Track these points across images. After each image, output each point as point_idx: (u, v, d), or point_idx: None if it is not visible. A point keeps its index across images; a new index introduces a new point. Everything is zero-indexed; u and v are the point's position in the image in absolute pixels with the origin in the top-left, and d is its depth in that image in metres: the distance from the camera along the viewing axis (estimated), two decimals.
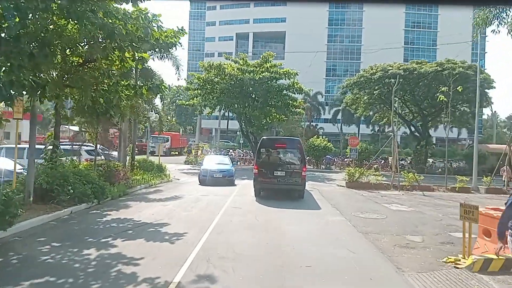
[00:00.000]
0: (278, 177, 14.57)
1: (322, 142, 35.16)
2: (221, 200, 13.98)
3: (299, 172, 14.63)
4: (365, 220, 11.16)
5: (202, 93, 33.90)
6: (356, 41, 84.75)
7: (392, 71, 32.33)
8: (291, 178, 14.58)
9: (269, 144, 15.65)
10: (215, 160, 22.21)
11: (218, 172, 19.85)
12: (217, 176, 19.57)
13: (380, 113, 43.59)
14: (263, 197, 15.18)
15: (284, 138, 19.76)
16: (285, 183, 14.63)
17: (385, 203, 15.09)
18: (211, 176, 19.41)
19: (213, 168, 20.17)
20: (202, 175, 19.77)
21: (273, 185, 14.79)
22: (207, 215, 10.97)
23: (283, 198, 15.03)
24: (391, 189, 20.54)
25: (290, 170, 14.63)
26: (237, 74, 31.81)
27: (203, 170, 20.05)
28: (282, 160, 15.08)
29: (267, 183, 14.74)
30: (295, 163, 14.93)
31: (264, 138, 16.11)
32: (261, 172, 14.66)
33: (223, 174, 19.86)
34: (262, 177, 14.66)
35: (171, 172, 26.05)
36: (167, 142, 50.14)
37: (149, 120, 19.45)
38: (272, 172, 14.56)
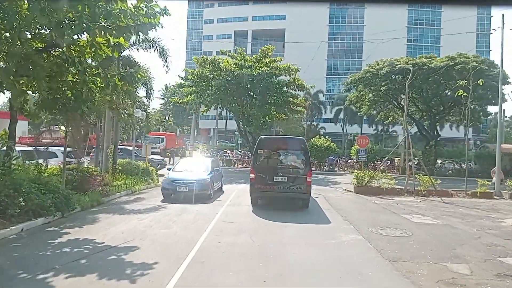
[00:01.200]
0: (279, 184, 12.42)
1: (325, 142, 32.94)
2: (211, 212, 11.77)
3: (304, 178, 12.45)
4: (387, 239, 8.95)
5: (196, 90, 31.73)
6: (358, 38, 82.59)
7: (400, 65, 30.14)
8: (294, 185, 12.44)
9: (268, 144, 13.31)
10: (189, 164, 16.14)
11: (183, 184, 13.95)
12: (181, 189, 13.85)
13: (385, 111, 41.43)
14: (261, 206, 12.99)
15: (285, 138, 16.82)
16: (287, 191, 12.47)
17: (404, 213, 12.88)
18: (174, 189, 14.04)
19: (177, 177, 14.42)
20: (165, 188, 14.33)
21: (273, 193, 12.61)
22: (190, 235, 8.75)
23: (284, 207, 12.86)
24: (405, 195, 18.35)
25: (293, 175, 12.54)
26: (233, 70, 29.61)
27: (167, 180, 14.57)
28: (284, 163, 12.85)
29: (266, 190, 12.59)
30: (298, 167, 12.78)
31: (262, 138, 13.77)
32: (259, 177, 12.52)
33: (189, 186, 13.81)
34: (260, 184, 12.52)
35: (164, 175, 24.06)
36: (162, 143, 47.96)
37: (131, 117, 17.16)
38: (272, 177, 12.41)
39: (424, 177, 18.88)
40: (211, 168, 15.46)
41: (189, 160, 18.80)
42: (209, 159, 17.64)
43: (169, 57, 17.48)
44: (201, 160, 17.77)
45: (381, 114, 41.26)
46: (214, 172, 15.69)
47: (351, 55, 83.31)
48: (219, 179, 16.75)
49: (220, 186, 17.06)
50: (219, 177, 16.91)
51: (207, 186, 14.22)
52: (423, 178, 18.86)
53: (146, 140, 48.23)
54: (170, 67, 17.51)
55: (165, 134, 51.77)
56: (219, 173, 17.23)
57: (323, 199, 15.81)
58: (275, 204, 13.06)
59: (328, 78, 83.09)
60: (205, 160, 17.80)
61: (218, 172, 16.96)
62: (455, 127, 55.37)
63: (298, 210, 12.65)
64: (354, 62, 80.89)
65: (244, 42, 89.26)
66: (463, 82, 18.96)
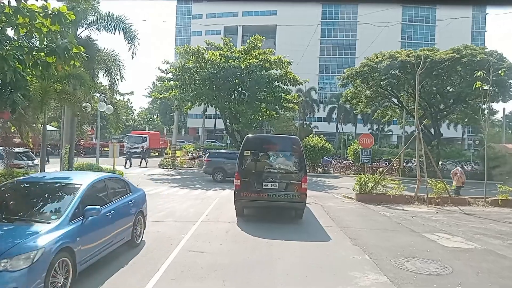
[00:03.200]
0: (269, 191, 10.36)
1: (319, 142, 30.24)
2: (178, 233, 8.93)
3: (298, 184, 10.40)
4: (423, 281, 6.21)
5: (179, 84, 28.81)
6: (351, 35, 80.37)
7: (401, 58, 27.55)
8: (286, 193, 10.39)
9: (256, 145, 11.12)
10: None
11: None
12: None
13: (382, 109, 38.89)
14: (245, 223, 10.19)
15: (276, 137, 14.06)
16: (279, 199, 10.39)
17: (426, 231, 10.17)
18: None
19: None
20: None
21: (262, 202, 10.53)
22: (134, 279, 5.90)
23: (274, 222, 10.07)
24: (416, 203, 15.71)
25: (285, 181, 10.48)
26: (219, 62, 26.74)
27: None
28: (274, 167, 10.79)
29: (254, 199, 10.46)
30: (292, 171, 10.73)
31: (249, 137, 11.48)
32: (245, 184, 10.43)
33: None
34: (246, 191, 10.40)
35: (137, 179, 21.08)
36: (145, 142, 44.90)
37: (84, 109, 14.19)
38: (261, 183, 10.41)
39: (436, 182, 16.26)
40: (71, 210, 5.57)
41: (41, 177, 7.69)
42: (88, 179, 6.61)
43: (137, 39, 14.57)
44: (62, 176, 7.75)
45: (378, 112, 38.70)
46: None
47: (344, 52, 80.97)
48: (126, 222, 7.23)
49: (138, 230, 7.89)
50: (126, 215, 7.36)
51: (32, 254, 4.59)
52: (436, 184, 16.25)
53: (127, 140, 45.22)
54: (128, 43, 14.42)
55: (149, 133, 48.76)
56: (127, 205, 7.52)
57: (321, 209, 13.07)
58: (262, 218, 10.27)
59: (320, 76, 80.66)
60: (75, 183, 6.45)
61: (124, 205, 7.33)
62: (453, 126, 53.25)
63: (291, 229, 9.86)
64: (347, 60, 78.42)
65: (234, 39, 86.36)
66: (481, 72, 16.30)
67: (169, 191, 17.28)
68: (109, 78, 14.76)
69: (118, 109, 18.21)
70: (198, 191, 17.39)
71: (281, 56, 28.67)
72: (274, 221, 10.65)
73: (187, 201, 14.13)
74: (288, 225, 10.29)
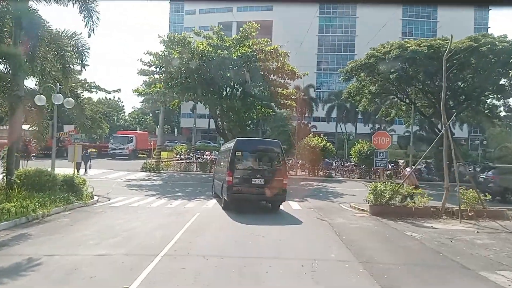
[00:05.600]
0: (257, 186, 12.16)
1: (320, 142, 27.27)
2: (119, 279, 5.84)
3: (281, 180, 12.44)
4: None
5: (164, 78, 25.74)
6: (350, 31, 77.48)
7: (412, 48, 24.59)
8: (272, 187, 12.21)
9: (246, 146, 12.94)
10: None
11: None
12: None
13: (386, 107, 35.90)
14: (228, 255, 7.15)
15: (263, 140, 16.10)
16: (266, 193, 12.23)
17: (482, 267, 7.16)
18: None
19: None
20: None
21: (251, 196, 12.31)
22: None
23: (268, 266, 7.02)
24: (444, 217, 12.78)
25: (270, 177, 12.35)
26: (207, 51, 23.66)
27: None
28: (261, 166, 12.72)
29: (244, 193, 12.13)
30: (275, 169, 12.71)
31: (239, 140, 13.39)
32: (237, 180, 12.11)
33: None
34: (237, 187, 12.06)
35: (110, 186, 18.12)
36: (131, 143, 41.82)
37: (21, 101, 11.09)
38: (250, 180, 12.18)
39: (468, 192, 13.27)
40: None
41: None
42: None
43: (97, 13, 11.49)
44: None
45: (382, 110, 35.69)
46: None
47: (342, 49, 78.09)
48: None
49: None
50: None
51: None
52: (467, 193, 13.26)
53: (112, 140, 41.83)
54: (83, 18, 11.36)
55: (136, 133, 45.66)
56: None
57: (330, 230, 10.05)
58: (251, 258, 7.23)
59: (318, 74, 77.67)
60: None
61: None
62: (459, 125, 50.34)
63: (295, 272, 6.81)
64: (346, 57, 75.26)
65: (229, 35, 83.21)
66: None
67: (141, 202, 14.20)
68: (61, 62, 11.65)
69: (82, 103, 15.11)
70: (177, 202, 14.33)
71: (277, 46, 25.63)
72: (270, 267, 7.60)
73: (158, 217, 11.05)
74: (291, 265, 7.25)
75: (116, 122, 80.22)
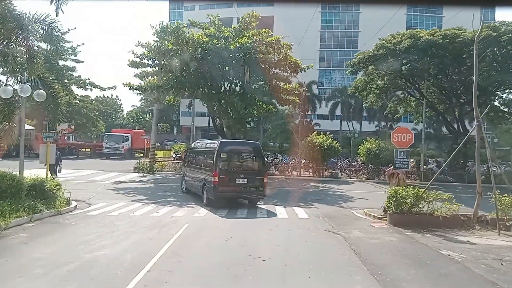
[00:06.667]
0: (240, 185, 12.89)
1: (326, 140, 25.34)
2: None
3: (261, 179, 13.24)
4: None
5: (156, 71, 23.89)
6: (353, 27, 75.45)
7: (425, 38, 22.65)
8: (253, 185, 13.07)
9: (229, 148, 13.79)
10: None
11: None
12: None
13: (395, 103, 34.00)
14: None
15: (244, 142, 17.35)
16: (248, 191, 13.13)
17: None
18: None
19: None
20: None
21: (235, 194, 13.22)
22: None
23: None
24: (477, 227, 10.87)
25: (252, 176, 13.13)
26: (203, 41, 21.74)
27: None
28: (244, 166, 13.59)
29: (229, 192, 12.90)
30: (256, 168, 13.55)
31: (223, 141, 14.61)
32: (222, 180, 12.65)
33: None
34: (223, 186, 12.65)
35: (96, 188, 16.51)
36: (127, 142, 39.91)
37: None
38: (234, 179, 12.87)
39: (504, 198, 11.32)
40: None
41: None
42: None
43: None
44: None
45: (391, 106, 33.74)
46: None
47: (345, 45, 76.02)
48: None
49: None
50: None
51: None
52: (501, 199, 11.31)
53: (107, 139, 39.86)
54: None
55: (131, 132, 43.74)
56: None
57: (347, 248, 8.13)
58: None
59: (320, 71, 75.64)
60: None
61: None
62: (468, 122, 48.27)
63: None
64: (349, 53, 73.26)
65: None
66: None
67: (124, 209, 12.30)
68: (25, 43, 9.76)
69: (58, 96, 13.17)
70: (165, 210, 12.42)
71: (279, 36, 23.67)
72: None
73: (137, 231, 9.14)
74: None
75: (114, 120, 78.43)
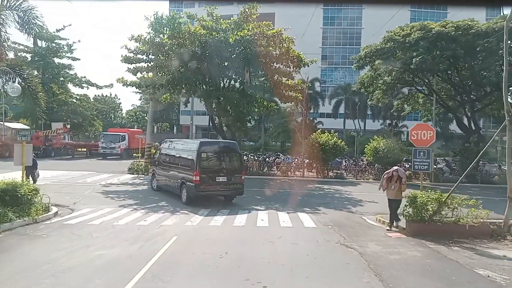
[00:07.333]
0: (221, 184, 13.48)
1: (331, 139, 23.96)
2: None
3: (239, 177, 13.85)
4: None
5: (151, 66, 22.55)
6: (356, 23, 73.99)
7: (436, 29, 21.24)
8: (232, 184, 13.68)
9: (209, 148, 14.13)
10: None
11: None
12: None
13: (402, 99, 32.61)
14: None
15: (223, 141, 18.39)
16: (227, 189, 13.74)
17: None
18: None
19: None
20: None
21: (216, 192, 13.76)
22: None
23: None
24: (510, 238, 9.47)
25: (231, 175, 13.65)
26: (200, 34, 20.39)
27: None
28: (223, 165, 13.90)
29: (210, 190, 13.41)
30: (235, 167, 14.01)
31: (202, 141, 14.62)
32: (203, 179, 13.05)
33: None
34: (204, 184, 13.09)
35: (84, 191, 15.56)
36: (124, 141, 38.59)
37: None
38: (214, 178, 13.35)
39: None
40: None
41: None
42: None
43: None
44: None
45: (398, 103, 32.31)
46: None
47: (348, 42, 74.60)
48: None
49: None
50: None
51: None
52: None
53: (103, 139, 38.46)
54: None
55: (128, 131, 42.34)
56: None
57: (364, 266, 6.78)
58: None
59: (323, 68, 74.22)
60: None
61: None
62: (482, 120, 46.76)
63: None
64: (351, 50, 71.85)
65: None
66: None
67: (108, 217, 10.97)
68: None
69: (36, 90, 11.82)
70: (154, 217, 11.08)
71: (281, 29, 22.29)
72: None
73: (117, 245, 7.80)
74: None
75: (113, 120, 77.09)
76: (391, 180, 10.41)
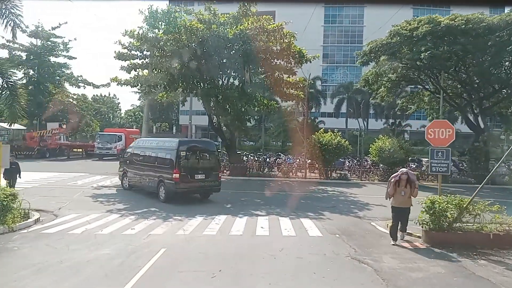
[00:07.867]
0: (199, 181, 13.97)
1: (334, 138, 22.92)
2: None
3: (217, 174, 14.54)
4: None
5: (149, 63, 21.54)
6: (357, 21, 72.91)
7: (445, 22, 20.19)
8: (211, 180, 14.21)
9: (188, 147, 14.51)
10: None
11: None
12: None
13: (407, 97, 31.52)
14: None
15: (200, 140, 19.91)
16: (206, 186, 14.25)
17: None
18: None
19: None
20: None
21: (195, 189, 14.29)
22: None
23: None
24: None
25: (209, 172, 14.22)
26: (197, 28, 19.36)
27: None
28: (201, 162, 14.44)
29: (189, 187, 13.92)
30: (212, 165, 14.62)
31: (181, 141, 15.01)
32: (183, 176, 13.43)
33: None
34: (184, 182, 13.47)
35: (73, 194, 14.83)
36: (120, 142, 37.55)
37: None
38: (193, 175, 13.80)
39: None
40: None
41: None
42: None
43: None
44: None
45: (403, 101, 31.24)
46: None
47: (350, 40, 73.53)
48: None
49: None
50: None
51: None
52: None
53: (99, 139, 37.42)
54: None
55: (125, 131, 41.34)
56: None
57: (381, 286, 5.75)
58: None
59: (324, 67, 73.16)
60: None
61: None
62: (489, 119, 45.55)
63: None
64: (353, 48, 70.74)
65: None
66: None
67: (93, 224, 9.96)
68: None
69: (15, 87, 10.81)
70: (143, 225, 10.05)
71: (281, 23, 21.26)
72: None
73: (93, 262, 6.76)
74: None
75: (112, 120, 76.11)
76: (399, 184, 8.82)
